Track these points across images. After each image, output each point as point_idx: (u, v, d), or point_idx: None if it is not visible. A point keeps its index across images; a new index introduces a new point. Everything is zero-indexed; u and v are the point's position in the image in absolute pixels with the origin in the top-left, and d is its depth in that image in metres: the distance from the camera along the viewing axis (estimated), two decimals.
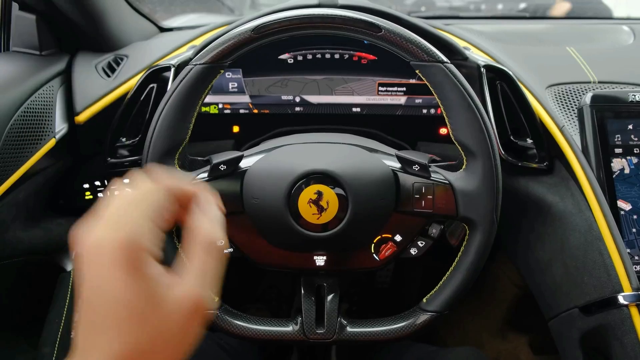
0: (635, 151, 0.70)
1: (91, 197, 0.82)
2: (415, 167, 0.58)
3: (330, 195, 0.56)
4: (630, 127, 0.70)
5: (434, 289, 0.60)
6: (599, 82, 0.82)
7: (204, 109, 0.86)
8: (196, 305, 0.30)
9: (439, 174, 0.58)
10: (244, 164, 0.60)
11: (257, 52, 0.59)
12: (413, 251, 0.61)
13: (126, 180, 0.34)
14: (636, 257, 0.67)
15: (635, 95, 0.71)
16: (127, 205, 0.31)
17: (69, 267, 0.85)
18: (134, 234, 0.29)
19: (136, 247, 0.29)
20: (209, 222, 0.34)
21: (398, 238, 0.61)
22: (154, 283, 0.29)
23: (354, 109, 0.86)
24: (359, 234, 0.59)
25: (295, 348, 1.04)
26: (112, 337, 0.28)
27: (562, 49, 0.91)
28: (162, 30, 1.08)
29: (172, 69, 0.76)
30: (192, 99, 0.57)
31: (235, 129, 0.89)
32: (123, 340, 0.28)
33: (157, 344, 0.29)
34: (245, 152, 0.62)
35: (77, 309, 0.29)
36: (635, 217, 0.68)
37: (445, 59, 0.55)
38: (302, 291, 0.62)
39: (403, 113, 0.86)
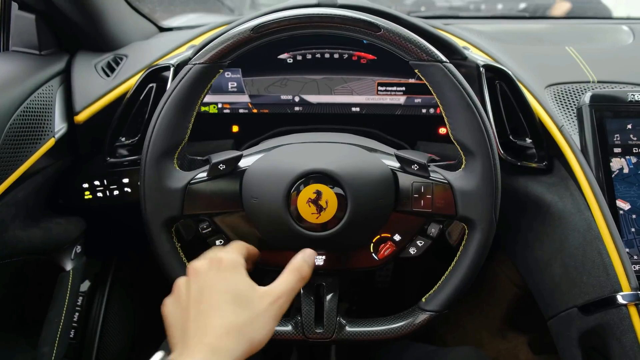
0: (634, 151, 0.70)
1: (90, 196, 0.82)
2: (415, 167, 0.58)
3: (329, 195, 0.56)
4: (630, 126, 0.70)
5: (433, 289, 0.60)
6: (598, 82, 0.82)
7: (203, 108, 0.86)
8: (275, 299, 0.47)
9: (438, 174, 0.58)
10: (243, 163, 0.60)
11: (256, 51, 0.59)
12: (412, 251, 0.61)
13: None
14: (635, 257, 0.67)
15: (634, 95, 0.71)
16: (223, 248, 0.52)
17: (68, 267, 0.85)
18: (229, 256, 0.49)
19: (234, 261, 0.48)
20: (302, 257, 0.52)
21: (397, 237, 0.61)
22: (246, 282, 0.47)
23: (353, 109, 0.86)
24: (358, 234, 0.59)
25: (295, 348, 1.04)
26: (222, 316, 0.43)
27: (561, 48, 0.91)
28: (162, 30, 1.08)
29: (172, 69, 0.76)
30: (191, 99, 0.57)
31: (235, 128, 0.89)
32: (229, 318, 0.43)
33: (250, 322, 0.44)
34: (245, 152, 0.62)
35: (186, 305, 0.45)
36: (634, 216, 0.68)
37: (444, 58, 0.55)
38: (301, 290, 0.62)
39: (402, 113, 0.86)
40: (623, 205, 0.68)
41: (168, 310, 0.47)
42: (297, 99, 0.86)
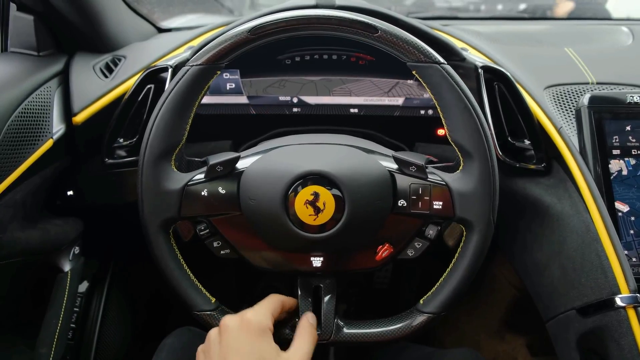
0: (633, 152, 0.70)
1: None
2: (412, 168, 0.58)
3: (326, 197, 0.56)
4: (628, 128, 0.70)
5: (431, 291, 0.60)
6: (597, 83, 0.82)
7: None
8: None
9: (435, 175, 0.58)
10: (240, 164, 0.60)
11: (254, 52, 0.58)
12: (410, 252, 0.61)
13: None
14: (634, 259, 0.66)
15: (633, 97, 0.71)
16: (256, 307, 0.56)
17: (66, 268, 0.85)
18: (258, 319, 0.53)
19: (262, 325, 0.53)
20: (306, 320, 0.58)
21: (395, 239, 0.60)
22: (271, 347, 0.52)
23: (352, 110, 0.86)
24: (356, 235, 0.59)
25: None
26: None
27: (560, 49, 0.91)
28: (161, 31, 1.08)
29: (170, 70, 0.76)
30: (188, 100, 0.57)
31: (233, 129, 0.88)
32: None
33: None
34: (242, 153, 0.62)
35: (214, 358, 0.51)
36: (632, 218, 0.67)
37: (442, 59, 0.55)
38: (299, 292, 0.62)
39: (401, 114, 0.86)
40: (622, 207, 0.68)
41: (199, 358, 0.53)
42: (295, 100, 0.86)
